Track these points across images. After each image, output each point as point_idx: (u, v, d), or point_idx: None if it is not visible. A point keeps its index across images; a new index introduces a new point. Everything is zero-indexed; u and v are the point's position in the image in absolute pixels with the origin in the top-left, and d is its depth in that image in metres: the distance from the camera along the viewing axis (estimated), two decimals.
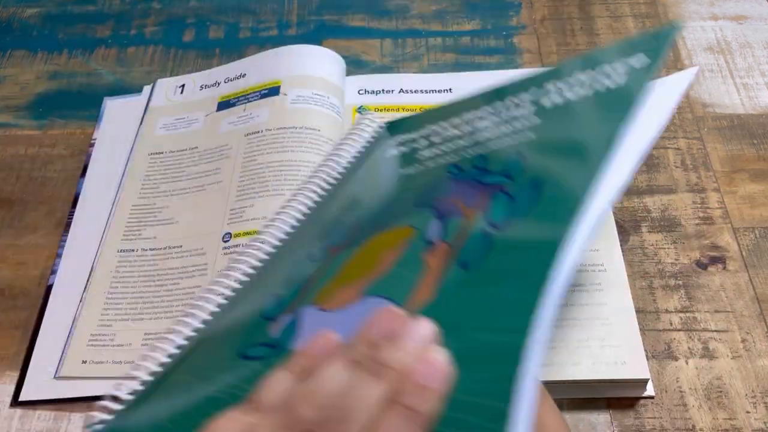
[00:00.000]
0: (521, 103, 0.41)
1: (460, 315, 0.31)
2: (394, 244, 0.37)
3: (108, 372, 0.46)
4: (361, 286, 0.36)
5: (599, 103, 0.37)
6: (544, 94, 0.40)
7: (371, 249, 0.38)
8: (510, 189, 0.35)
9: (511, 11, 0.68)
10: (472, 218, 0.35)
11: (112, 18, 0.71)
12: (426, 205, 0.39)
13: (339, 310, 0.35)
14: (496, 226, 0.34)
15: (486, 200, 0.36)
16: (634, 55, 0.38)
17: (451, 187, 0.39)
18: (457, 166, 0.40)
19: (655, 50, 0.37)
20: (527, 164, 0.36)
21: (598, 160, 0.33)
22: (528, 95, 0.41)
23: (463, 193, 0.37)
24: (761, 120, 0.58)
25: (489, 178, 0.37)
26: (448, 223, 0.36)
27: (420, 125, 0.46)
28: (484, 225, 0.34)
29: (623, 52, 0.38)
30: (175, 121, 0.60)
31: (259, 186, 0.52)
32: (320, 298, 0.36)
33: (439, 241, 0.35)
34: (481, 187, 0.37)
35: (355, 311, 0.35)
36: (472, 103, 0.44)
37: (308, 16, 0.69)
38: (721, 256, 0.50)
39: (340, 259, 0.38)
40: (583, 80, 0.39)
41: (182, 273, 0.50)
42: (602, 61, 0.39)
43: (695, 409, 0.43)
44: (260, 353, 0.35)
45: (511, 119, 0.40)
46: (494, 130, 0.40)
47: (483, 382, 0.27)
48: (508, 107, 0.41)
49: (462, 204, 0.37)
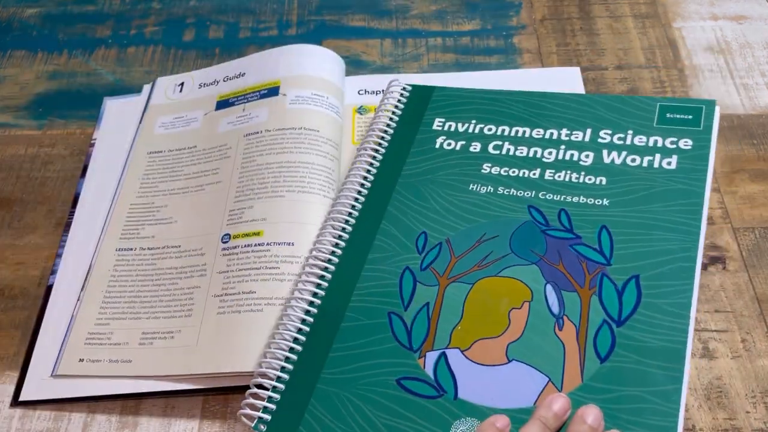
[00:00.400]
0: (577, 144, 0.49)
1: (607, 403, 0.38)
2: (517, 302, 0.43)
3: (104, 371, 0.46)
4: (503, 346, 0.41)
5: (666, 174, 0.45)
6: (604, 147, 0.48)
7: (490, 297, 0.43)
8: (611, 275, 0.42)
9: (511, 11, 0.68)
10: (586, 299, 0.42)
11: (112, 18, 0.71)
12: (526, 256, 0.44)
13: (489, 366, 0.41)
14: (616, 322, 0.40)
15: (593, 281, 0.42)
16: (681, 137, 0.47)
17: (546, 243, 0.44)
18: (539, 211, 0.46)
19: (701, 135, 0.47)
20: (615, 241, 0.43)
21: (689, 252, 0.42)
22: (583, 135, 0.49)
23: (566, 263, 0.43)
24: (761, 120, 0.58)
25: (586, 251, 0.44)
26: (564, 296, 0.42)
27: (465, 114, 0.53)
28: (605, 316, 0.41)
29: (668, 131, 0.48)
30: (174, 120, 0.60)
31: (258, 187, 0.52)
32: (459, 342, 0.42)
33: (565, 317, 0.41)
34: (582, 261, 0.43)
35: (507, 373, 0.40)
36: (521, 115, 0.52)
37: (308, 16, 0.69)
38: (721, 256, 0.50)
39: (458, 297, 0.44)
40: (638, 145, 0.47)
41: (180, 273, 0.50)
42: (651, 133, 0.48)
43: (695, 408, 0.43)
44: (421, 390, 0.41)
45: (573, 165, 0.48)
46: (560, 171, 0.48)
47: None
48: (564, 144, 0.49)
49: (571, 278, 0.43)
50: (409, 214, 0.48)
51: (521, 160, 0.49)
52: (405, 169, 0.50)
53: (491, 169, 0.49)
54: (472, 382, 0.40)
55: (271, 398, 0.41)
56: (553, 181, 0.47)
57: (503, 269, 0.44)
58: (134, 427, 0.45)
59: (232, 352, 0.45)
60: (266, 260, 0.48)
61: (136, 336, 0.48)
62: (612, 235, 0.44)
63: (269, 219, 0.50)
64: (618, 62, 0.62)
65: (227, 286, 0.48)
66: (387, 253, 0.46)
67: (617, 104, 0.50)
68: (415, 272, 0.45)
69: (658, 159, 0.46)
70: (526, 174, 0.48)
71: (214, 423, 0.45)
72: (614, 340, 0.40)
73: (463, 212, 0.47)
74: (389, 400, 0.40)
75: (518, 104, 0.52)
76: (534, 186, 0.47)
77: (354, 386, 0.41)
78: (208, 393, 0.46)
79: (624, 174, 0.46)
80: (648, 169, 0.46)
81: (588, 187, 0.46)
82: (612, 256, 0.43)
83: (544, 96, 0.52)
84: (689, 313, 0.40)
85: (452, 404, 0.40)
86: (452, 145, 0.51)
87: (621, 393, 0.38)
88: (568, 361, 0.40)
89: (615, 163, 0.47)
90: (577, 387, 0.39)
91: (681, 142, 0.47)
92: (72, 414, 0.46)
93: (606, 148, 0.48)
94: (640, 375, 0.38)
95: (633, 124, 0.49)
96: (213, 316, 0.47)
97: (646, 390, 0.38)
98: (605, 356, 0.39)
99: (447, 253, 0.46)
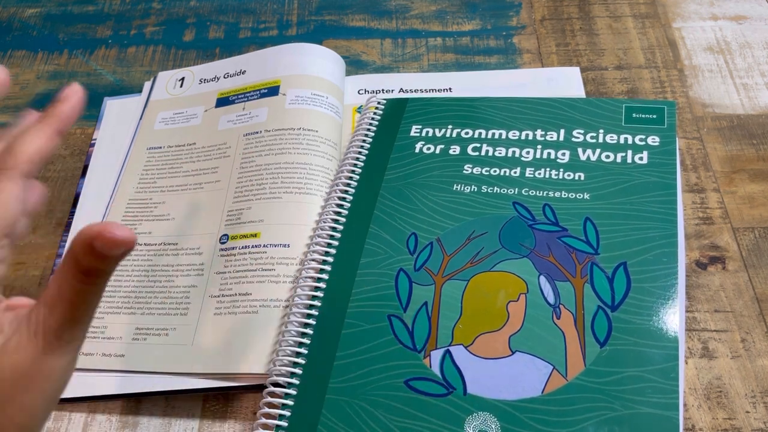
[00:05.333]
0: (553, 144, 0.51)
1: (611, 385, 0.39)
2: (513, 295, 0.44)
3: (97, 364, 0.46)
4: (505, 339, 0.42)
5: (638, 166, 0.48)
6: (578, 145, 0.50)
7: (486, 291, 0.44)
8: (601, 263, 0.44)
9: (511, 11, 0.68)
10: (580, 288, 0.43)
11: (112, 18, 0.71)
12: (517, 250, 0.46)
13: (494, 359, 0.42)
14: (611, 308, 0.42)
15: (584, 270, 0.44)
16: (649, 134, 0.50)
17: (534, 236, 0.46)
18: (524, 206, 0.47)
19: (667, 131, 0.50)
20: (600, 231, 0.45)
21: (670, 238, 0.44)
22: (558, 135, 0.51)
23: (556, 255, 0.45)
24: (761, 120, 0.58)
25: (574, 242, 0.45)
26: (558, 286, 0.44)
27: (441, 121, 0.54)
28: (599, 302, 0.42)
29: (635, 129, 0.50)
30: (174, 116, 0.60)
31: (256, 188, 0.52)
32: (462, 338, 0.43)
33: (562, 306, 0.43)
34: (571, 251, 0.45)
35: (512, 365, 0.41)
36: (495, 119, 0.53)
37: (308, 16, 0.69)
38: (720, 256, 0.50)
39: (455, 294, 0.44)
40: (610, 143, 0.50)
41: (177, 271, 0.50)
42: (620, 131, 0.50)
43: (695, 408, 0.43)
44: (430, 389, 0.41)
45: (551, 163, 0.49)
46: (539, 169, 0.49)
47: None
48: (540, 144, 0.51)
49: (563, 268, 0.44)
50: (397, 216, 0.48)
51: (501, 159, 0.50)
52: (387, 174, 0.51)
53: (473, 169, 0.50)
54: (480, 377, 0.41)
55: (281, 416, 0.42)
56: (534, 178, 0.49)
57: (496, 264, 0.45)
58: (134, 427, 0.45)
59: (229, 353, 0.45)
60: (262, 262, 0.48)
61: (129, 331, 0.48)
62: (596, 226, 0.45)
63: (266, 221, 0.50)
64: (618, 62, 0.62)
65: (224, 287, 0.48)
66: (379, 256, 0.47)
67: (585, 106, 0.53)
68: (410, 273, 0.45)
69: (630, 155, 0.49)
70: (507, 173, 0.49)
71: (214, 423, 0.45)
72: (611, 324, 0.41)
73: (450, 212, 0.48)
74: (400, 403, 0.41)
75: (491, 109, 0.54)
76: (516, 183, 0.49)
77: (363, 393, 0.41)
78: (208, 393, 0.46)
79: (600, 170, 0.48)
80: (622, 164, 0.48)
81: (568, 183, 0.48)
82: (599, 246, 0.45)
83: (514, 101, 0.54)
84: (677, 293, 0.42)
85: (463, 400, 0.40)
86: (431, 149, 0.52)
87: (623, 374, 0.40)
88: (570, 348, 0.41)
89: (591, 160, 0.49)
90: (581, 372, 0.40)
91: (649, 139, 0.49)
92: (72, 414, 0.46)
93: (580, 146, 0.50)
94: (639, 355, 0.40)
95: (602, 124, 0.51)
96: (209, 317, 0.47)
97: (645, 369, 0.39)
98: (604, 340, 0.41)
99: (439, 252, 0.46)
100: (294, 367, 0.43)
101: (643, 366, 0.40)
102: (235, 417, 0.45)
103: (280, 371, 0.43)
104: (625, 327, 0.41)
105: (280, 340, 0.44)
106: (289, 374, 0.43)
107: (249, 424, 0.45)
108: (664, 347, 0.40)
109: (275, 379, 0.42)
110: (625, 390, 0.39)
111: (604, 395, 0.39)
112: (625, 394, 0.39)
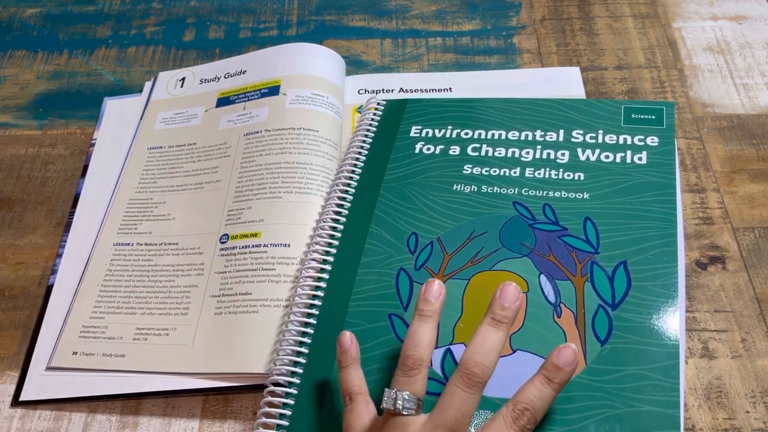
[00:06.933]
0: (552, 144, 0.51)
1: (612, 383, 0.39)
2: None
3: (98, 364, 0.47)
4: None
5: (637, 168, 0.48)
6: (578, 145, 0.50)
7: (487, 290, 0.44)
8: (601, 262, 0.44)
9: (511, 11, 0.68)
10: (581, 287, 0.43)
11: (112, 18, 0.71)
12: (517, 249, 0.45)
13: None
14: (611, 306, 0.42)
15: (584, 269, 0.44)
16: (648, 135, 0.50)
17: (534, 235, 0.46)
18: (524, 206, 0.47)
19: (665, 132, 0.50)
20: (600, 231, 0.45)
21: (669, 237, 0.44)
22: (557, 135, 0.51)
23: (556, 254, 0.45)
24: (761, 120, 0.58)
25: (574, 242, 0.45)
26: (558, 285, 0.44)
27: (441, 122, 0.54)
28: (599, 301, 0.42)
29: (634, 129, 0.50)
30: (175, 116, 0.60)
31: (257, 188, 0.52)
32: (463, 337, 0.43)
33: (562, 305, 0.43)
34: (571, 251, 0.45)
35: (513, 363, 0.41)
36: (495, 120, 0.53)
37: (308, 16, 0.69)
38: (720, 256, 0.50)
39: (456, 294, 0.44)
40: (609, 143, 0.50)
41: (177, 270, 0.50)
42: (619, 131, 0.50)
43: (695, 408, 0.43)
44: (432, 388, 0.40)
45: (551, 163, 0.49)
46: (539, 169, 0.49)
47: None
48: (540, 144, 0.51)
49: (563, 267, 0.44)
50: (397, 216, 0.48)
51: (501, 160, 0.50)
52: (387, 174, 0.51)
53: (472, 169, 0.50)
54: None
55: (282, 415, 0.41)
56: (534, 178, 0.49)
57: (497, 263, 0.45)
58: (134, 427, 0.45)
59: (229, 353, 0.45)
60: (263, 262, 0.48)
61: (130, 331, 0.48)
62: (596, 226, 0.46)
63: (266, 220, 0.50)
64: (618, 62, 0.62)
65: (224, 286, 0.48)
66: (379, 255, 0.47)
67: (584, 107, 0.53)
68: (410, 272, 0.45)
69: (630, 155, 0.49)
70: (507, 173, 0.50)
71: (214, 423, 0.45)
72: (611, 323, 0.41)
73: (450, 211, 0.48)
74: None
75: (490, 110, 0.54)
76: (516, 183, 0.49)
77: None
78: (208, 393, 0.46)
79: (600, 170, 0.49)
80: (621, 164, 0.48)
81: (568, 183, 0.48)
82: (599, 245, 0.45)
83: (514, 101, 0.54)
84: (677, 292, 0.42)
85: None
86: (431, 149, 0.52)
87: (623, 373, 0.40)
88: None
89: (590, 160, 0.49)
90: (583, 370, 0.40)
91: (648, 140, 0.49)
92: (72, 414, 0.46)
93: (580, 146, 0.50)
94: (640, 354, 0.40)
95: (601, 125, 0.51)
96: (210, 316, 0.47)
97: (646, 367, 0.39)
98: (605, 339, 0.41)
99: (439, 252, 0.46)
100: (295, 366, 0.43)
101: (644, 364, 0.40)
102: (235, 417, 0.45)
103: (281, 371, 0.43)
104: (625, 325, 0.41)
105: (281, 339, 0.44)
106: (289, 374, 0.42)
107: (249, 424, 0.45)
108: (665, 345, 0.40)
109: (276, 378, 0.42)
110: (626, 388, 0.39)
111: (605, 393, 0.39)
112: (626, 392, 0.39)
